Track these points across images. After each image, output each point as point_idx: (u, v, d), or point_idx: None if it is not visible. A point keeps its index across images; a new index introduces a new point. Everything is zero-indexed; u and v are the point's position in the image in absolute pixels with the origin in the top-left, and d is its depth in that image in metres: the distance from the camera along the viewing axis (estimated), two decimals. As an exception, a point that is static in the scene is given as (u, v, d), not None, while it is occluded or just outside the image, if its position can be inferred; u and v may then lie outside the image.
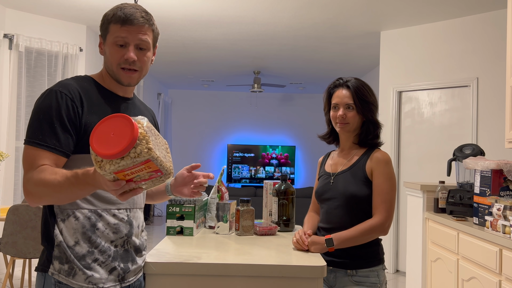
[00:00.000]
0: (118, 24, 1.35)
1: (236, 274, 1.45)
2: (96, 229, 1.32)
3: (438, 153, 4.80)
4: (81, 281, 1.28)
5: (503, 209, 2.34)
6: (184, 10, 4.67)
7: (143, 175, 1.12)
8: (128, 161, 1.05)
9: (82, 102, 1.32)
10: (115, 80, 1.41)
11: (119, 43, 1.36)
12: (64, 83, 1.34)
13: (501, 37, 4.28)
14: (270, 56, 6.63)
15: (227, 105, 10.13)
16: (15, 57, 4.65)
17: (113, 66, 1.38)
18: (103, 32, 1.40)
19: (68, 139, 1.29)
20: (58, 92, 1.30)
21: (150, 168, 1.10)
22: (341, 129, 1.85)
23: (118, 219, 1.37)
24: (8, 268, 3.49)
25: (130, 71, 1.38)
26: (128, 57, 1.35)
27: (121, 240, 1.37)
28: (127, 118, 1.08)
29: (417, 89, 5.05)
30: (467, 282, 2.67)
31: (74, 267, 1.28)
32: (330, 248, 1.72)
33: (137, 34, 1.36)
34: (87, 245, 1.30)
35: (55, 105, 1.28)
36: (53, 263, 1.29)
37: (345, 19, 4.82)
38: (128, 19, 1.34)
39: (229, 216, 1.97)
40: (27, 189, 1.25)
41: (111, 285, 1.33)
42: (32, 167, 1.25)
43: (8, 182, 4.61)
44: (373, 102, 1.84)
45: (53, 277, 1.29)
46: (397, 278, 4.91)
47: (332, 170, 1.90)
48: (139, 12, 1.37)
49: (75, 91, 1.32)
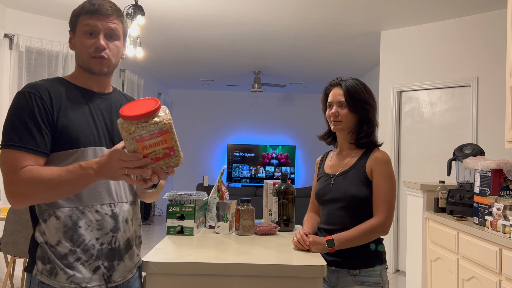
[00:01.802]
0: (87, 14, 1.37)
1: (236, 273, 1.45)
2: (78, 227, 1.31)
3: (438, 153, 4.80)
4: (62, 281, 1.28)
5: (503, 209, 2.34)
6: (184, 10, 4.67)
7: (158, 151, 1.21)
8: (151, 126, 1.18)
9: (52, 100, 1.32)
10: (87, 70, 1.40)
11: (89, 31, 1.37)
12: (32, 84, 1.34)
13: (501, 37, 4.28)
14: (270, 56, 6.63)
15: (227, 105, 10.13)
16: (16, 57, 4.65)
17: (84, 56, 1.38)
18: (72, 26, 1.42)
19: (44, 138, 1.28)
20: (27, 93, 1.29)
21: (166, 143, 1.21)
22: (334, 127, 1.86)
23: (101, 215, 1.35)
24: (8, 267, 3.49)
25: (100, 59, 1.38)
26: (98, 45, 1.36)
27: (107, 237, 1.36)
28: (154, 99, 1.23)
29: (417, 89, 5.05)
30: (467, 282, 2.68)
31: (56, 267, 1.28)
32: (331, 249, 1.72)
33: (106, 22, 1.38)
34: (69, 244, 1.30)
35: (25, 106, 1.28)
36: (36, 263, 1.30)
37: (345, 19, 4.82)
38: (96, 9, 1.37)
39: (229, 215, 1.97)
40: (15, 191, 1.24)
41: (95, 284, 1.32)
42: (14, 170, 1.24)
43: (8, 182, 4.61)
44: (366, 100, 1.83)
45: (36, 277, 1.29)
46: (397, 277, 4.91)
47: (331, 171, 1.90)
48: (107, 3, 1.40)
49: (44, 90, 1.32)
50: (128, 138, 1.19)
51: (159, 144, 1.21)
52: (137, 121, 1.18)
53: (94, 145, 1.36)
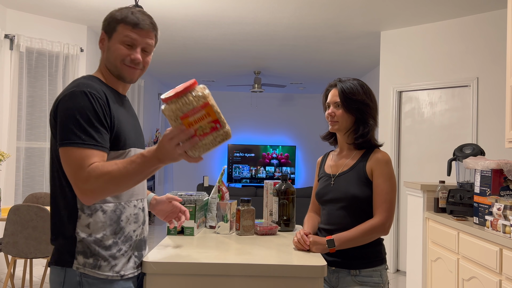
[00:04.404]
0: (129, 26, 1.43)
1: (237, 273, 1.46)
2: (120, 221, 1.41)
3: (438, 153, 4.80)
4: (106, 271, 1.37)
5: (503, 209, 2.34)
6: (184, 10, 4.68)
7: (204, 126, 1.26)
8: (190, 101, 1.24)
9: (108, 102, 1.39)
10: (117, 76, 1.47)
11: (128, 43, 1.44)
12: (89, 84, 1.38)
13: (501, 37, 4.28)
14: (271, 56, 6.63)
15: (228, 105, 10.13)
16: (16, 57, 4.66)
17: (117, 62, 1.44)
18: (109, 29, 1.46)
19: (106, 136, 1.36)
20: (89, 93, 1.34)
21: (209, 116, 1.25)
22: (331, 127, 1.87)
23: (137, 209, 1.47)
24: (9, 268, 3.50)
25: (133, 68, 1.46)
26: (135, 57, 1.45)
27: (139, 229, 1.48)
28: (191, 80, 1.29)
29: (417, 89, 5.06)
30: (468, 282, 2.68)
31: (99, 259, 1.36)
32: (331, 249, 1.72)
33: (145, 38, 1.46)
34: (113, 237, 1.39)
35: (89, 106, 1.33)
36: (76, 258, 1.35)
37: (345, 19, 4.83)
38: (139, 23, 1.44)
39: (229, 216, 1.98)
40: (88, 188, 1.29)
41: (130, 272, 1.43)
42: (82, 167, 1.29)
43: (9, 182, 4.62)
44: (362, 100, 1.82)
45: (78, 271, 1.35)
46: (397, 277, 4.91)
47: (332, 172, 1.90)
48: (148, 19, 1.47)
49: (101, 92, 1.38)
50: (172, 118, 1.25)
51: (204, 118, 1.25)
52: (176, 98, 1.24)
53: (134, 146, 1.48)
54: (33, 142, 4.91)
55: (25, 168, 4.84)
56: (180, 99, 1.24)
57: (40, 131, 4.94)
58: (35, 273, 4.48)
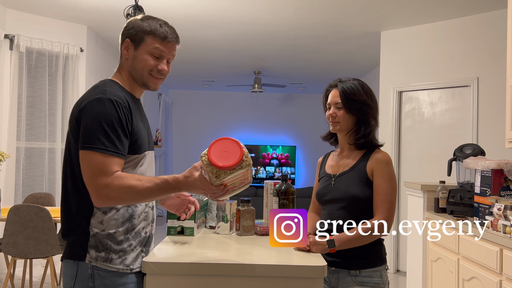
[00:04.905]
0: (158, 39, 1.51)
1: (237, 274, 1.45)
2: (133, 218, 1.48)
3: (438, 153, 4.80)
4: (117, 264, 1.44)
5: (504, 209, 2.34)
6: (184, 10, 4.68)
7: (237, 183, 1.40)
8: (239, 170, 1.33)
9: (130, 110, 1.47)
10: (141, 84, 1.55)
11: (156, 55, 1.52)
12: (114, 92, 1.45)
13: (501, 37, 4.27)
14: (271, 56, 6.63)
15: (228, 105, 10.13)
16: (16, 57, 4.65)
17: (144, 71, 1.53)
18: (137, 39, 1.52)
19: (127, 144, 1.44)
20: (115, 101, 1.41)
21: (244, 176, 1.40)
22: (333, 128, 1.87)
23: (147, 207, 1.55)
24: (9, 268, 3.50)
25: (158, 79, 1.56)
26: (162, 69, 1.54)
27: (149, 226, 1.56)
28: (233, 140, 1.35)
29: (418, 89, 5.05)
30: (468, 282, 2.68)
31: (111, 253, 1.43)
32: (331, 250, 1.72)
33: (172, 50, 1.56)
34: (124, 233, 1.46)
35: (115, 114, 1.40)
36: (89, 251, 1.42)
37: (345, 19, 4.82)
38: (168, 36, 1.52)
39: (229, 216, 1.98)
40: (106, 194, 1.36)
41: (138, 266, 1.49)
42: (104, 173, 1.36)
43: (9, 183, 4.61)
44: (364, 101, 1.82)
45: (90, 264, 1.42)
46: (397, 278, 4.91)
47: (332, 172, 1.90)
48: (174, 32, 1.56)
49: (124, 100, 1.46)
50: (213, 177, 1.32)
51: (239, 178, 1.38)
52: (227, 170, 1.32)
53: (148, 149, 1.56)
54: (33, 142, 4.91)
55: (25, 168, 4.83)
56: (229, 171, 1.32)
57: (40, 131, 4.94)
58: (35, 273, 4.48)
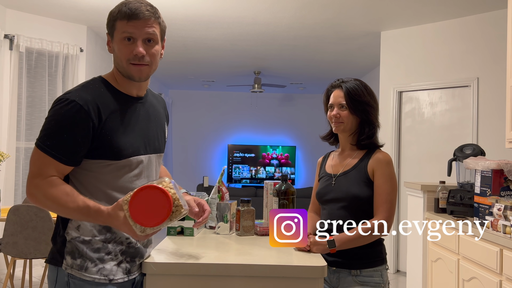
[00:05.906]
0: (124, 20, 1.35)
1: (237, 274, 1.45)
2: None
3: (438, 153, 4.79)
4: (93, 274, 1.35)
5: (504, 209, 2.34)
6: (184, 10, 4.67)
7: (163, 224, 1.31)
8: (166, 223, 1.26)
9: (100, 113, 1.33)
10: (126, 76, 1.40)
11: (127, 37, 1.36)
12: (82, 96, 1.33)
13: (502, 37, 4.27)
14: (271, 56, 6.63)
15: (228, 106, 10.12)
16: (16, 57, 4.65)
17: (123, 63, 1.38)
18: (110, 30, 1.40)
19: (77, 152, 1.32)
20: (77, 105, 1.30)
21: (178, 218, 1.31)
22: (336, 128, 1.86)
23: None
24: (8, 268, 3.49)
25: (140, 65, 1.38)
26: (137, 52, 1.35)
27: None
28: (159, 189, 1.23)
29: (418, 89, 5.05)
30: (468, 282, 2.67)
31: (87, 260, 1.34)
32: (332, 250, 1.72)
33: (143, 27, 1.35)
34: (103, 240, 1.37)
35: (71, 118, 1.30)
36: (65, 258, 1.35)
37: (345, 19, 4.82)
38: (133, 13, 1.34)
39: (229, 216, 1.97)
40: (34, 194, 1.32)
41: (120, 277, 1.39)
42: (40, 174, 1.30)
43: (8, 183, 4.61)
44: (367, 102, 1.82)
45: (66, 271, 1.35)
46: (397, 278, 4.91)
47: (333, 171, 1.90)
48: (144, 6, 1.36)
49: (93, 104, 1.32)
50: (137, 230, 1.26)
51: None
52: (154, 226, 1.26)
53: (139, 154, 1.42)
54: (32, 143, 4.90)
55: (25, 168, 4.83)
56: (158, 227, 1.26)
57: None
58: (35, 273, 4.48)
